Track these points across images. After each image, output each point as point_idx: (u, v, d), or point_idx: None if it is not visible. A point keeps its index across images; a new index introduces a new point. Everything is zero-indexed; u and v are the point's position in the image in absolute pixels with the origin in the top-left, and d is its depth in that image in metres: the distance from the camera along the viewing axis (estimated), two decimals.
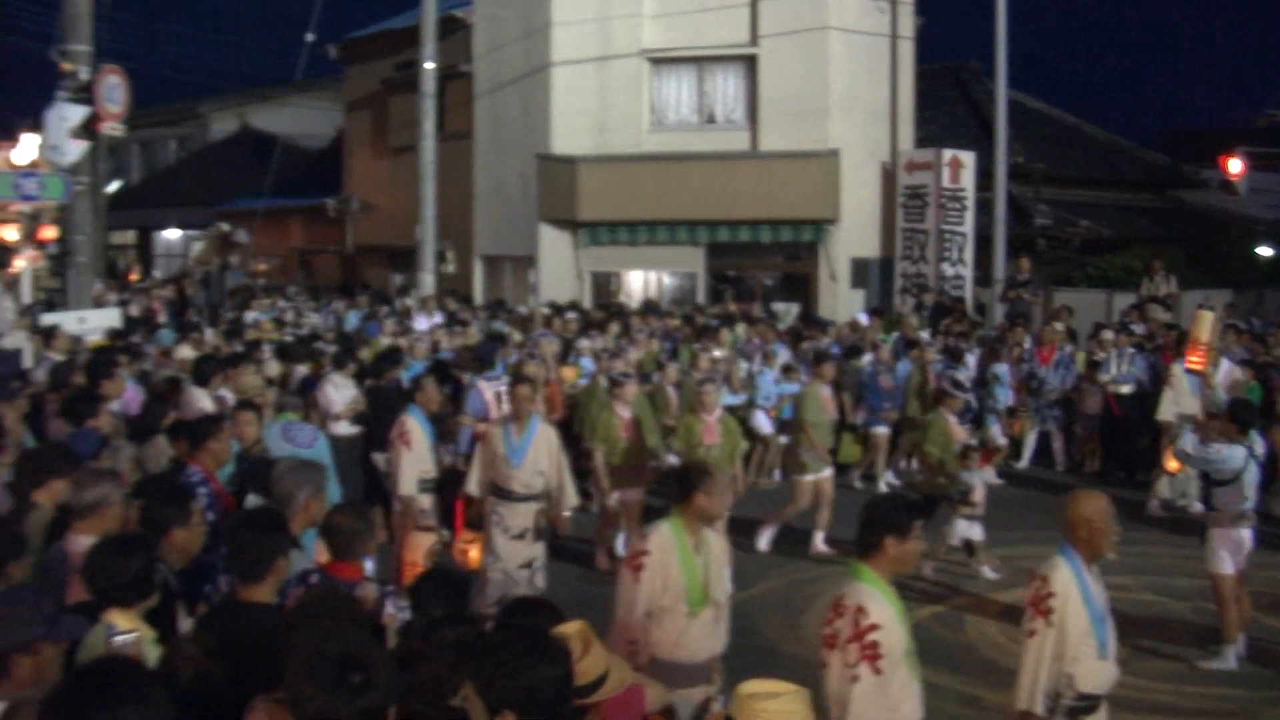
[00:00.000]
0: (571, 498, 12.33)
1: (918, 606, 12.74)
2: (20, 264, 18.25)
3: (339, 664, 3.98)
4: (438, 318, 22.07)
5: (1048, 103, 37.60)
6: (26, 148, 26.78)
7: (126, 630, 5.24)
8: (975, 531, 14.01)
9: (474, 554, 12.55)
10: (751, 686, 5.18)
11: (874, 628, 6.13)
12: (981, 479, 14.29)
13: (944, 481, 14.25)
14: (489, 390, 14.93)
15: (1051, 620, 6.74)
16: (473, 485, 12.20)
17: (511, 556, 11.70)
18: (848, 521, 15.50)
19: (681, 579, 7.56)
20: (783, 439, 18.71)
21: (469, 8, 30.28)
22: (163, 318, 23.71)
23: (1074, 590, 6.81)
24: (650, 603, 7.46)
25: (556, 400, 16.52)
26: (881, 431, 18.68)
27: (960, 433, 14.94)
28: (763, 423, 18.66)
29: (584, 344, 19.06)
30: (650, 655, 7.51)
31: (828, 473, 15.29)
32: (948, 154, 26.83)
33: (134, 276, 32.80)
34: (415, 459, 12.45)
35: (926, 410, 16.84)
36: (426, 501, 12.45)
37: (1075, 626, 6.76)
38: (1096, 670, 6.80)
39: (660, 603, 7.50)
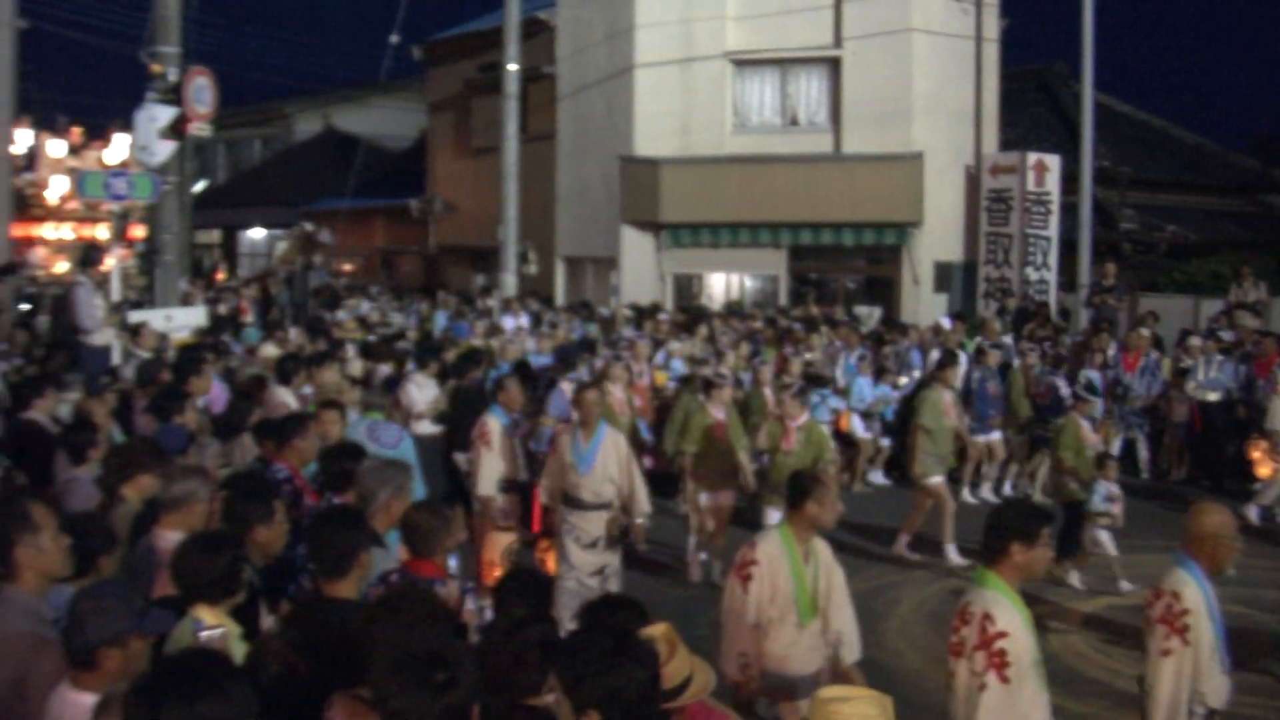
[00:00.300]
0: (644, 504, 11.96)
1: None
2: (110, 262, 18.43)
3: (423, 662, 3.99)
4: (523, 319, 22.07)
5: (1134, 105, 37.17)
6: (118, 148, 27.10)
7: (212, 625, 5.27)
8: (1108, 541, 13.74)
9: (549, 563, 12.27)
10: (828, 691, 5.13)
11: (1001, 635, 6.04)
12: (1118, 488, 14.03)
13: (1077, 487, 14.02)
14: (572, 390, 14.96)
15: (1189, 639, 6.48)
16: (543, 494, 11.97)
17: (584, 565, 11.50)
18: (932, 527, 15.49)
19: (791, 589, 7.49)
20: (885, 442, 18.85)
21: (552, 10, 30.35)
22: (250, 317, 23.90)
23: (1202, 605, 6.58)
24: (759, 614, 7.37)
25: (646, 402, 16.41)
26: (990, 439, 18.20)
27: (1094, 438, 14.75)
28: (858, 427, 18.58)
29: (675, 346, 19.02)
30: (761, 668, 7.43)
31: (943, 479, 15.04)
32: (1032, 157, 26.59)
33: (221, 275, 33.10)
34: (495, 459, 12.44)
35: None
36: (506, 501, 12.45)
37: (1206, 643, 6.53)
38: (1221, 685, 6.62)
39: (768, 613, 7.42)
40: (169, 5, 18.41)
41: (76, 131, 34.88)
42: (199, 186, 46.39)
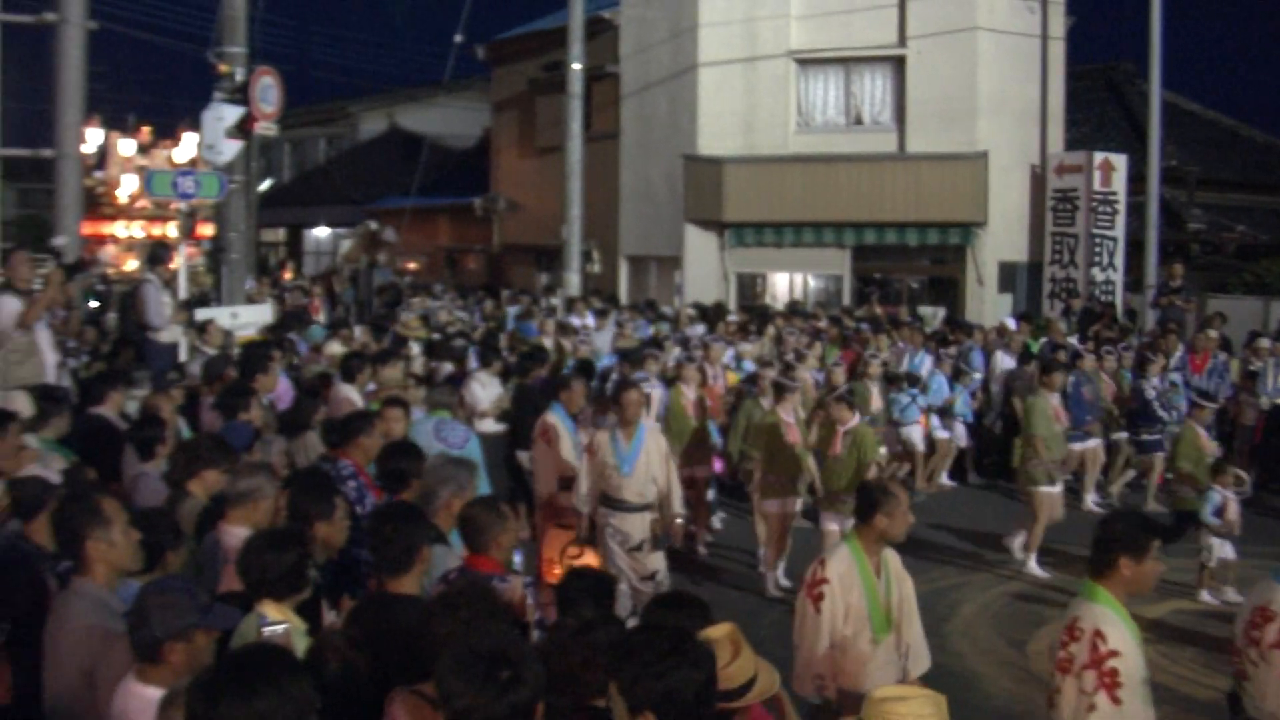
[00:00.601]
0: (678, 505, 11.69)
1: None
2: (179, 260, 18.59)
3: (488, 660, 4.01)
4: (589, 318, 22.05)
5: (1203, 104, 36.81)
6: (187, 146, 27.32)
7: (276, 621, 5.31)
8: (1228, 550, 13.37)
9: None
10: (883, 691, 5.10)
11: (1114, 654, 5.90)
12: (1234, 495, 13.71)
13: (1194, 497, 13.76)
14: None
15: None
16: (580, 499, 11.62)
17: (633, 570, 11.31)
18: (993, 525, 15.42)
19: (864, 605, 7.31)
20: (964, 442, 18.97)
21: (616, 9, 30.39)
22: (322, 315, 24.02)
23: None
24: (833, 633, 7.22)
25: (717, 404, 16.26)
26: (1087, 447, 17.71)
27: (1210, 446, 14.58)
28: (936, 427, 18.52)
29: (745, 348, 18.96)
30: (837, 686, 7.29)
31: (1059, 488, 14.69)
32: (1099, 156, 26.40)
33: (289, 274, 33.30)
34: (556, 457, 12.43)
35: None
36: (567, 499, 12.43)
37: None
38: None
39: (842, 632, 7.24)
40: (236, 6, 18.55)
41: (146, 130, 35.17)
42: (265, 185, 46.72)
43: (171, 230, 25.22)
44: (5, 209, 26.58)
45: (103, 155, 30.87)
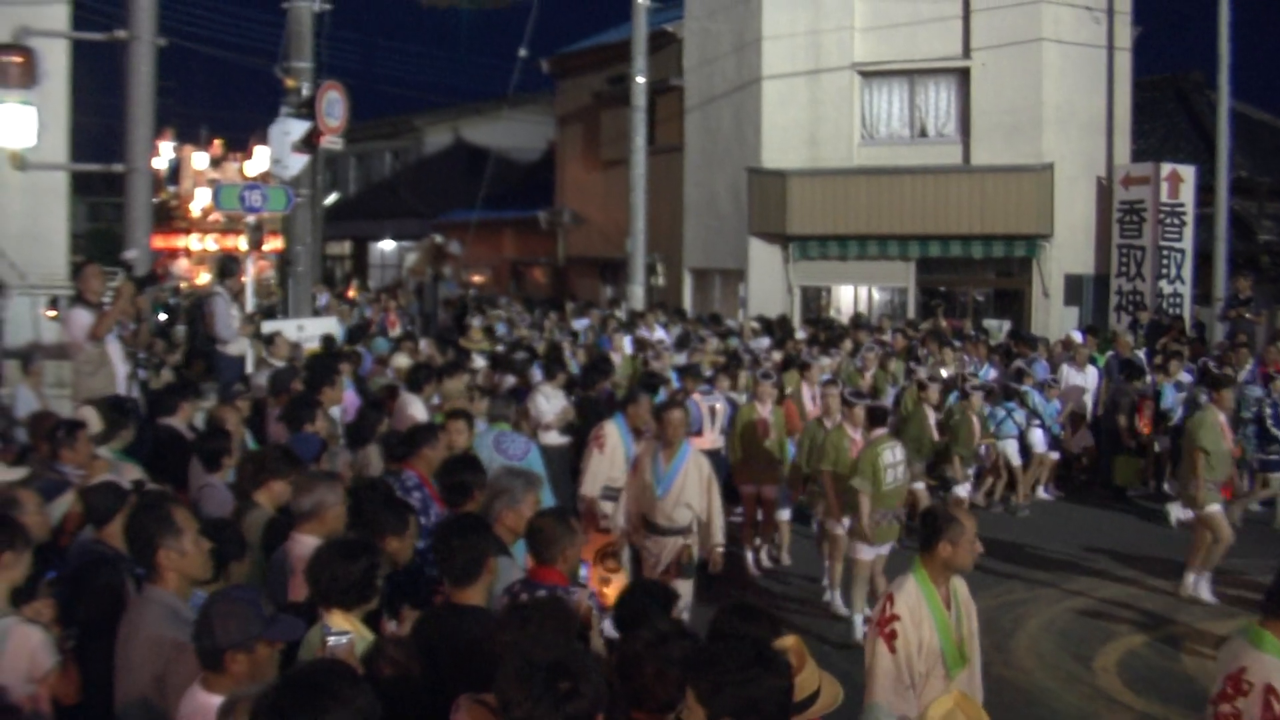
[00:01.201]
0: (719, 533, 11.16)
1: (1130, 634, 12.49)
2: (251, 273, 18.77)
3: (547, 670, 4.03)
4: (659, 331, 22.01)
5: (1274, 113, 36.39)
6: (259, 160, 27.62)
7: (341, 632, 5.36)
8: None
9: (610, 591, 10.72)
10: (937, 709, 5.04)
11: None
12: None
13: None
14: (705, 404, 14.99)
15: None
16: (620, 517, 11.41)
17: None
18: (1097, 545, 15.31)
19: (937, 640, 6.85)
20: (1054, 455, 18.73)
21: (680, 22, 30.49)
22: (397, 329, 24.07)
23: None
24: (909, 672, 6.78)
25: (795, 420, 15.91)
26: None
27: None
28: (1039, 441, 18.42)
29: (825, 362, 18.66)
30: None
31: (1219, 506, 13.93)
32: (1167, 168, 26.19)
33: (352, 292, 33.50)
34: (605, 463, 12.25)
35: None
36: (609, 508, 12.29)
37: None
38: None
39: (918, 669, 6.81)
40: (302, 22, 18.72)
41: (218, 144, 35.65)
42: (331, 199, 47.05)
43: (242, 243, 25.51)
44: (76, 223, 26.83)
45: (176, 169, 31.33)
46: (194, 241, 38.68)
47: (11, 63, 15.22)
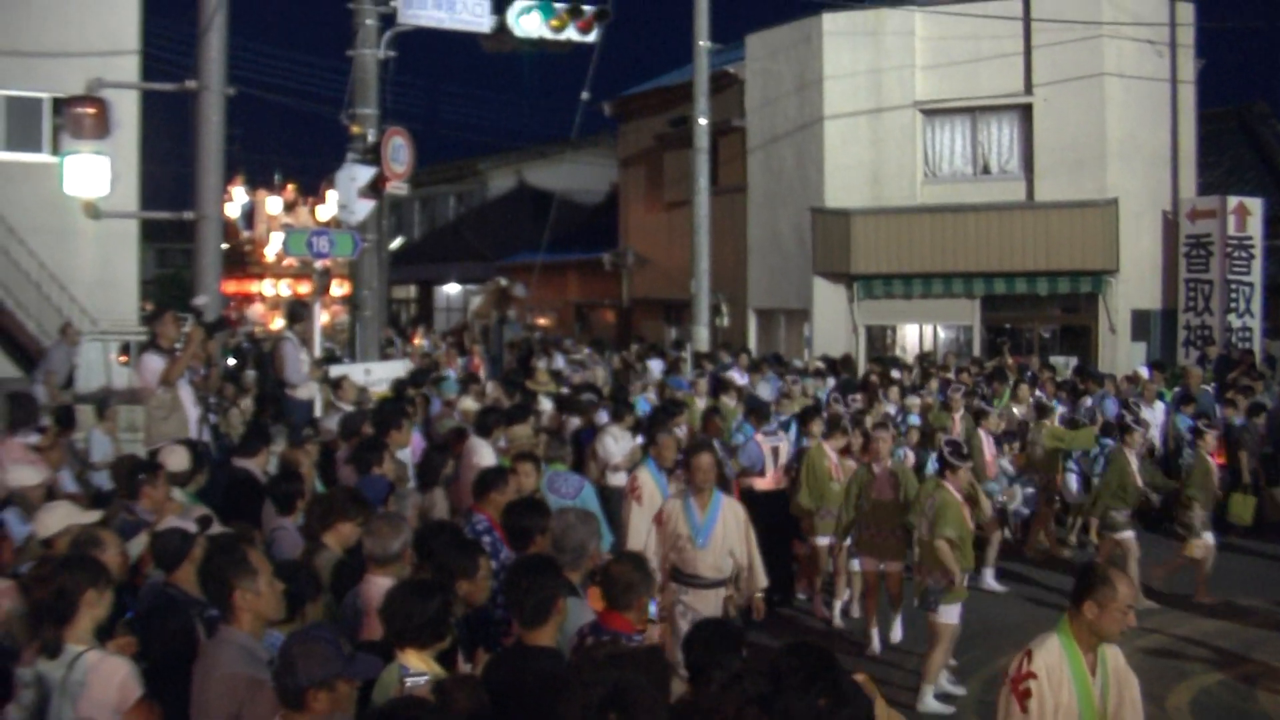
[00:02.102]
0: (761, 578, 10.68)
1: (1204, 672, 12.36)
2: (324, 317, 18.95)
3: (600, 703, 4.08)
4: (734, 372, 21.82)
5: None
6: (331, 204, 27.89)
7: (419, 672, 5.42)
8: None
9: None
10: None
11: None
12: None
13: None
14: (767, 444, 14.92)
15: None
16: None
17: None
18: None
19: (1076, 706, 6.46)
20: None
21: (741, 63, 30.62)
22: (482, 372, 24.06)
23: None
24: None
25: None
26: None
27: None
28: (1073, 485, 18.16)
29: (913, 401, 18.57)
30: None
31: None
32: (1233, 200, 26.04)
33: (417, 340, 33.65)
34: (646, 513, 11.56)
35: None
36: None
37: None
38: None
39: None
40: (367, 69, 18.97)
41: (291, 189, 35.96)
42: (396, 243, 47.41)
43: (304, 288, 25.82)
44: (144, 269, 27.25)
45: (250, 214, 31.64)
46: (268, 287, 38.97)
47: (85, 114, 15.55)
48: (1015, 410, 18.78)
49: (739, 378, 20.72)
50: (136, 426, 15.73)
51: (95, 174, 15.78)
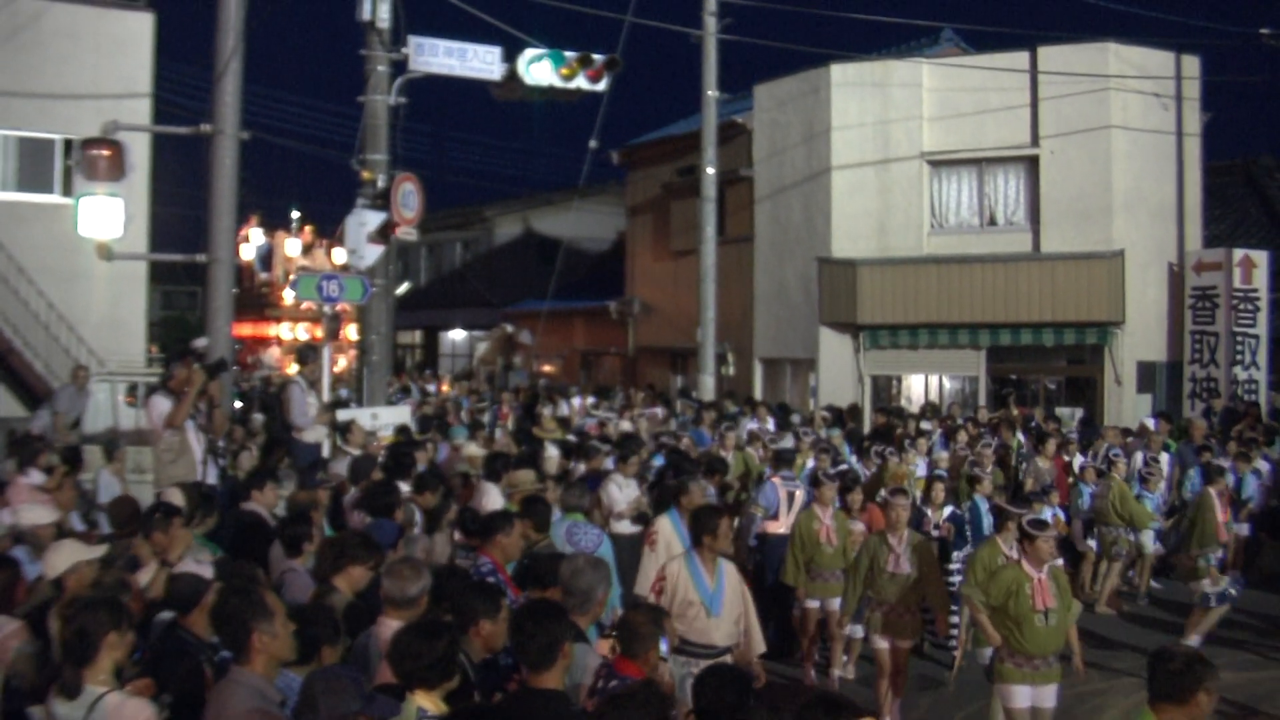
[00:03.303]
0: (759, 644, 10.27)
1: None
2: (341, 363, 18.97)
3: None
4: (770, 424, 21.74)
5: None
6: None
7: (436, 715, 5.43)
8: None
9: None
10: None
11: None
12: None
13: None
14: (784, 489, 14.97)
15: None
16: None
17: None
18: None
19: None
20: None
21: (749, 113, 30.75)
22: (509, 423, 24.01)
23: None
24: None
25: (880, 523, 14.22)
26: None
27: None
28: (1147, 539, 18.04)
29: (941, 455, 18.17)
30: None
31: None
32: (1239, 253, 26.15)
33: (445, 388, 33.60)
34: (658, 560, 11.24)
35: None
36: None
37: None
38: None
39: None
40: (378, 115, 19.06)
41: (308, 230, 35.94)
42: (403, 289, 47.55)
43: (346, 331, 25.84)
44: (150, 311, 27.36)
45: (268, 256, 31.66)
46: (285, 330, 38.94)
47: (101, 156, 15.62)
48: (1041, 464, 18.66)
49: (764, 430, 20.71)
50: (144, 468, 15.77)
51: (109, 216, 15.84)
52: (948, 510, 15.07)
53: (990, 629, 10.51)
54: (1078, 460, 19.33)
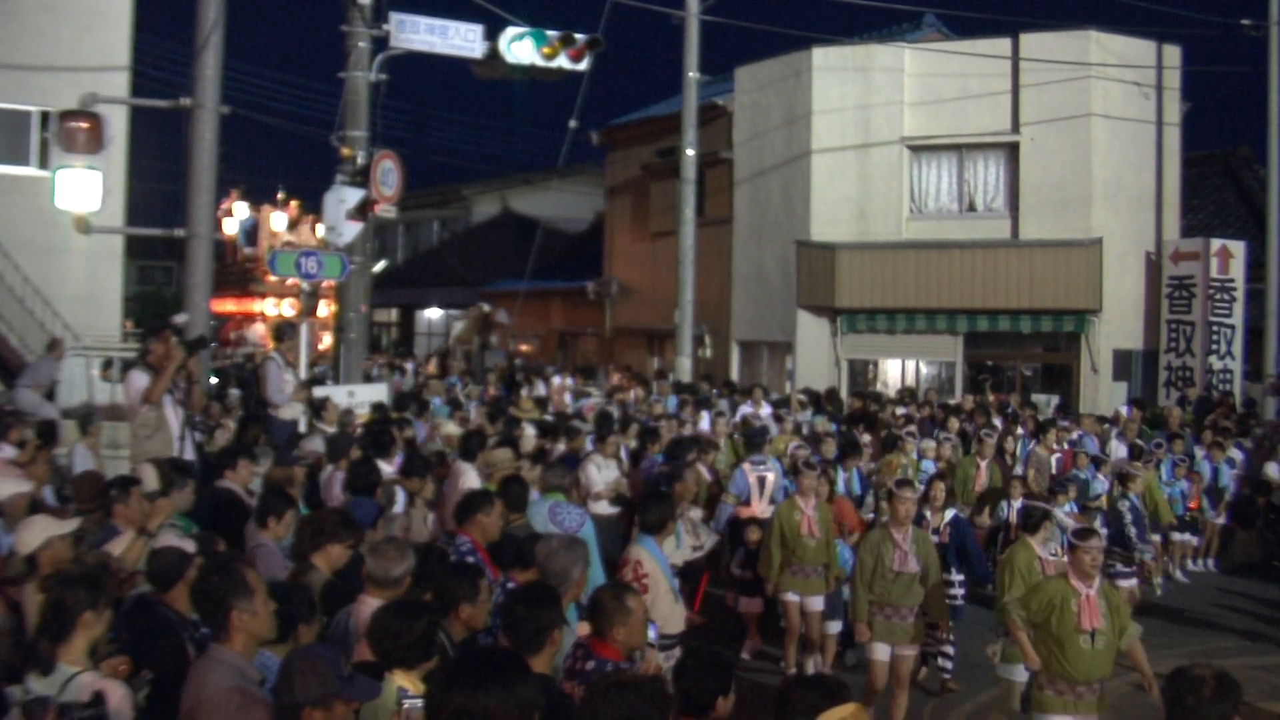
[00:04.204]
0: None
1: None
2: (326, 340, 18.87)
3: None
4: (766, 408, 21.70)
5: None
6: None
7: (416, 695, 5.40)
8: None
9: None
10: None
11: None
12: None
13: None
14: (753, 474, 14.93)
15: None
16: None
17: None
18: None
19: None
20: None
21: (730, 96, 30.72)
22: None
23: None
24: None
25: (854, 519, 14.34)
26: None
27: None
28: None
29: (928, 444, 17.75)
30: None
31: None
32: (1216, 243, 26.22)
33: (431, 368, 33.42)
34: (650, 601, 11.26)
35: None
36: (660, 658, 11.20)
37: None
38: None
39: None
40: (358, 92, 18.96)
41: (294, 205, 35.69)
42: (380, 266, 47.40)
43: (322, 309, 25.68)
44: (126, 286, 27.20)
45: (253, 231, 31.45)
46: (270, 306, 38.64)
47: (79, 128, 15.48)
48: (1041, 454, 18.58)
49: (760, 413, 20.70)
50: (120, 443, 15.68)
51: (87, 189, 15.70)
52: (950, 513, 13.50)
53: (1031, 650, 9.41)
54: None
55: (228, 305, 44.65)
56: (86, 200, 15.87)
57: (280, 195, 40.82)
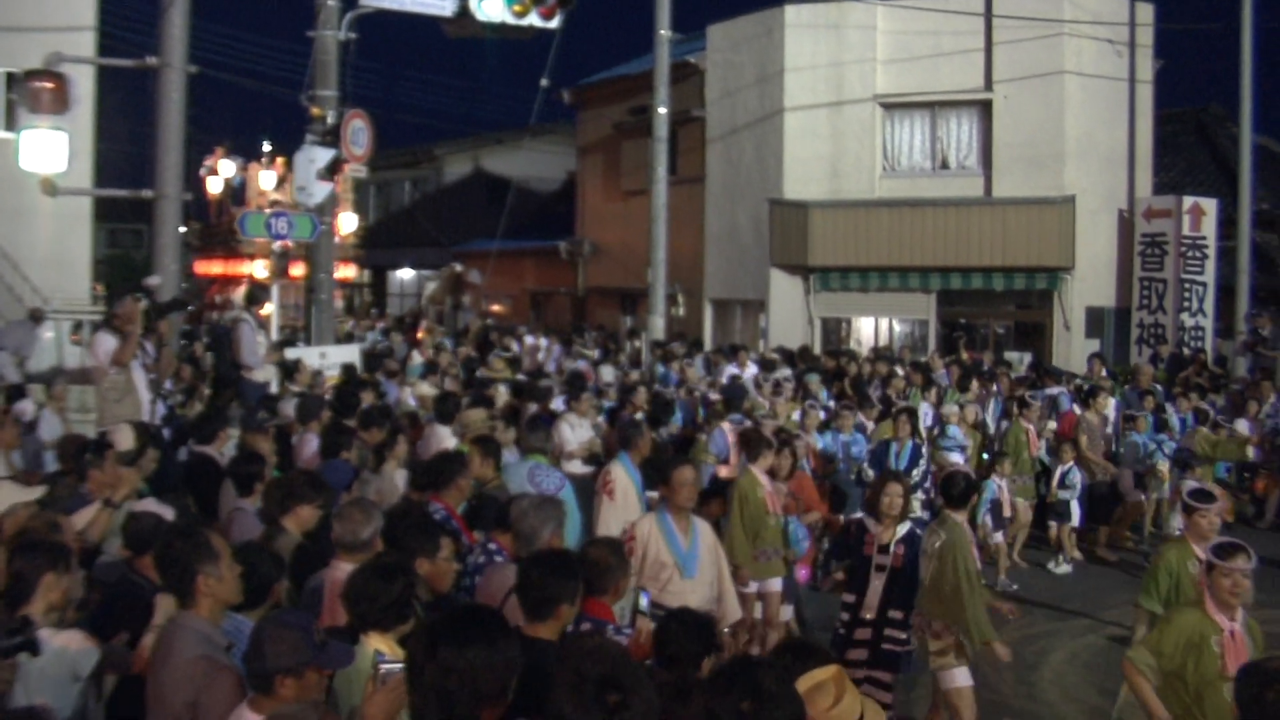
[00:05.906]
0: (735, 609, 9.47)
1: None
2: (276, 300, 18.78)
3: (597, 683, 4.08)
4: (751, 368, 21.69)
5: None
6: None
7: (394, 660, 5.34)
8: None
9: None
10: (809, 679, 4.89)
11: None
12: None
13: None
14: (733, 433, 14.88)
15: None
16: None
17: None
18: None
19: None
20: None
21: (702, 54, 30.59)
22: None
23: None
24: None
25: (811, 494, 13.71)
26: None
27: None
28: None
29: (951, 410, 17.28)
30: None
31: None
32: (1188, 201, 26.23)
33: (422, 334, 33.18)
34: (619, 510, 11.07)
35: None
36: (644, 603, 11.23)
37: None
38: None
39: None
40: (328, 51, 18.81)
41: (280, 163, 35.39)
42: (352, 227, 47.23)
43: (300, 270, 25.53)
44: (95, 249, 27.03)
45: (243, 189, 31.23)
46: (259, 268, 38.26)
47: (44, 88, 15.25)
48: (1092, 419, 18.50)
49: (747, 372, 20.72)
50: (88, 407, 15.57)
51: (53, 150, 15.45)
52: (904, 528, 10.32)
53: (1159, 707, 7.29)
54: (1110, 409, 19.12)
55: (214, 267, 44.30)
56: (53, 162, 15.62)
57: (267, 151, 40.44)
